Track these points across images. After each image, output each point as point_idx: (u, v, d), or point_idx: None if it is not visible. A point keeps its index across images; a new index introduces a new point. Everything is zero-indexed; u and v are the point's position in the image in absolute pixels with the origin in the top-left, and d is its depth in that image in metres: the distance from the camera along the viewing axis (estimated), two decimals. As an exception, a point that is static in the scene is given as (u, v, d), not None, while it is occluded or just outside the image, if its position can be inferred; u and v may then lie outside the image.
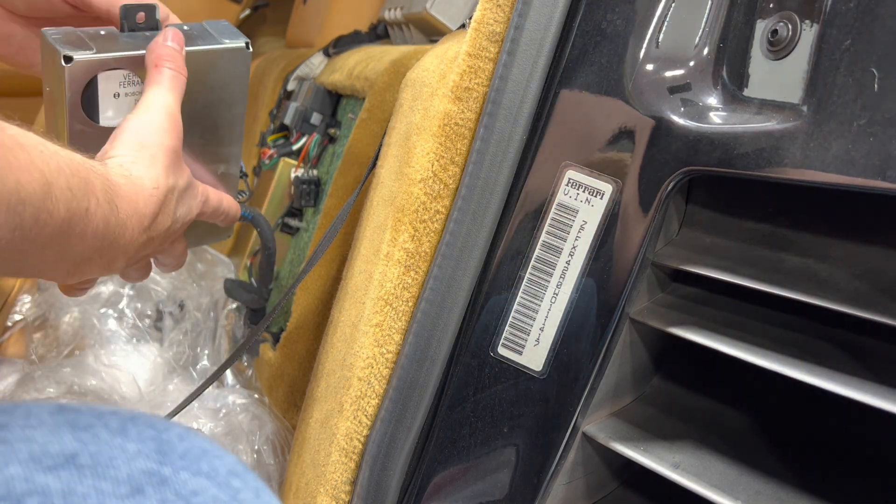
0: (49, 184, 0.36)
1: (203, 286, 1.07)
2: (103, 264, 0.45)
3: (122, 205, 0.43)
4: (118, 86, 0.52)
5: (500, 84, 0.46)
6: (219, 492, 0.30)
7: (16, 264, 0.39)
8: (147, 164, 0.47)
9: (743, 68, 0.40)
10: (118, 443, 0.29)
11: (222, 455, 0.31)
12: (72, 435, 0.28)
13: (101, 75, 0.51)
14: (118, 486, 0.27)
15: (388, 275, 0.51)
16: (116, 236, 0.43)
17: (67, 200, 0.38)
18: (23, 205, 0.35)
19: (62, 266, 0.42)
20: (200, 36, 0.56)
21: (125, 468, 0.28)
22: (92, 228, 0.41)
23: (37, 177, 0.36)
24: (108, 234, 0.42)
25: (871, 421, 0.45)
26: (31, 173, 0.35)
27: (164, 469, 0.29)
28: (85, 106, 0.51)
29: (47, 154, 0.37)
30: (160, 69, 0.50)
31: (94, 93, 0.51)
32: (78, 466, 0.27)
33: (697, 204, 0.49)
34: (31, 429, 0.28)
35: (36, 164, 0.36)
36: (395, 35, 1.12)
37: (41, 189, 0.36)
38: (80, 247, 0.41)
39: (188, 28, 0.56)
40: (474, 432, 0.49)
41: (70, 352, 0.97)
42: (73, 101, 0.50)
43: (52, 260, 0.40)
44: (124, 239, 0.44)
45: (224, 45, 0.56)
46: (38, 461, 0.27)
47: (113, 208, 0.42)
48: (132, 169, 0.46)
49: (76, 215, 0.39)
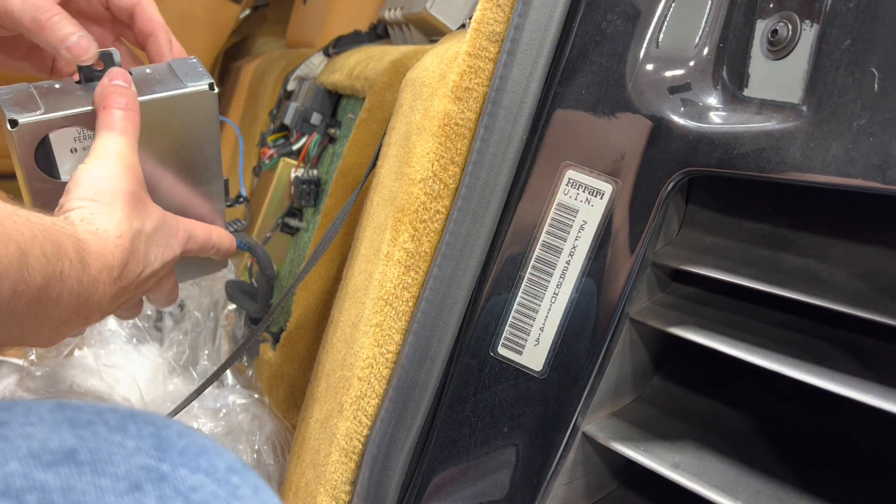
0: (25, 254, 0.36)
1: (203, 286, 1.07)
2: (80, 322, 0.45)
3: (92, 261, 0.43)
4: (73, 141, 0.51)
5: (500, 84, 0.46)
6: (217, 488, 0.30)
7: None
8: (107, 212, 0.46)
9: (743, 68, 0.41)
10: (117, 439, 0.29)
11: (221, 452, 0.32)
12: (71, 432, 0.28)
13: (52, 134, 0.50)
14: (117, 483, 0.28)
15: (388, 275, 0.51)
16: (90, 293, 0.43)
17: (43, 267, 0.38)
18: (0, 279, 0.35)
19: (42, 332, 0.42)
20: (162, 80, 0.54)
21: (124, 465, 0.28)
22: (67, 290, 0.41)
23: (13, 249, 0.36)
24: (83, 293, 0.42)
25: (872, 421, 0.45)
26: (8, 246, 0.35)
27: (162, 465, 0.29)
28: (40, 164, 0.50)
29: (20, 222, 0.37)
30: (109, 111, 0.49)
31: (49, 151, 0.50)
32: (77, 463, 0.27)
33: (697, 204, 0.49)
34: (30, 426, 0.28)
35: (11, 235, 0.36)
36: (395, 35, 1.12)
37: (17, 261, 0.36)
38: (56, 310, 0.41)
39: (150, 71, 0.54)
40: (474, 432, 0.49)
41: (70, 352, 0.97)
42: (26, 162, 0.49)
43: (31, 328, 0.40)
44: (97, 294, 0.44)
45: (186, 90, 0.54)
46: (38, 457, 0.27)
47: (85, 266, 0.42)
48: (94, 221, 0.45)
49: (52, 280, 0.39)
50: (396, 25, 1.09)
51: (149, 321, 1.04)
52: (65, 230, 0.41)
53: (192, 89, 0.54)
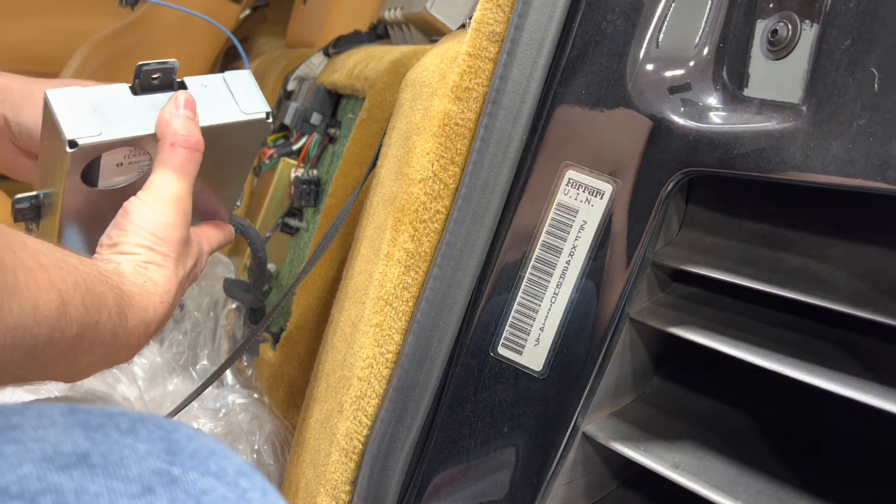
0: (65, 303, 0.36)
1: (203, 286, 1.07)
2: (105, 365, 0.45)
3: (132, 314, 0.43)
4: (123, 158, 0.49)
5: (500, 84, 0.46)
6: (227, 491, 0.30)
7: (18, 378, 0.38)
8: (160, 263, 0.46)
9: (743, 68, 0.41)
10: (129, 443, 0.29)
11: (230, 455, 0.32)
12: (83, 435, 0.29)
13: (105, 154, 0.47)
14: (129, 485, 0.28)
15: (388, 275, 0.51)
16: (122, 344, 0.43)
17: (81, 317, 0.38)
18: (38, 326, 0.35)
19: (67, 374, 0.42)
20: (219, 99, 0.51)
21: (136, 468, 0.29)
22: (100, 340, 0.40)
23: (53, 297, 0.35)
24: (115, 343, 0.42)
25: (872, 421, 0.45)
26: (49, 293, 0.35)
27: (173, 469, 0.29)
28: (84, 175, 0.48)
29: (66, 270, 0.37)
30: (175, 148, 0.47)
31: (96, 167, 0.48)
32: (90, 466, 0.28)
33: (697, 204, 0.49)
34: (43, 429, 0.28)
35: (55, 283, 0.35)
36: (395, 35, 1.12)
37: (57, 310, 0.36)
38: (86, 358, 0.41)
39: (205, 84, 0.51)
40: (474, 432, 0.49)
41: (70, 352, 0.97)
42: (72, 176, 0.47)
43: (58, 371, 0.40)
44: (129, 344, 0.44)
45: (245, 118, 0.52)
46: (51, 460, 0.27)
47: (122, 319, 0.42)
48: (146, 273, 0.45)
49: (87, 329, 0.38)
50: (396, 25, 1.09)
51: (149, 321, 1.04)
52: (110, 280, 0.41)
53: (251, 118, 0.52)
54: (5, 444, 0.27)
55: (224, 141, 0.53)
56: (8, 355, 0.34)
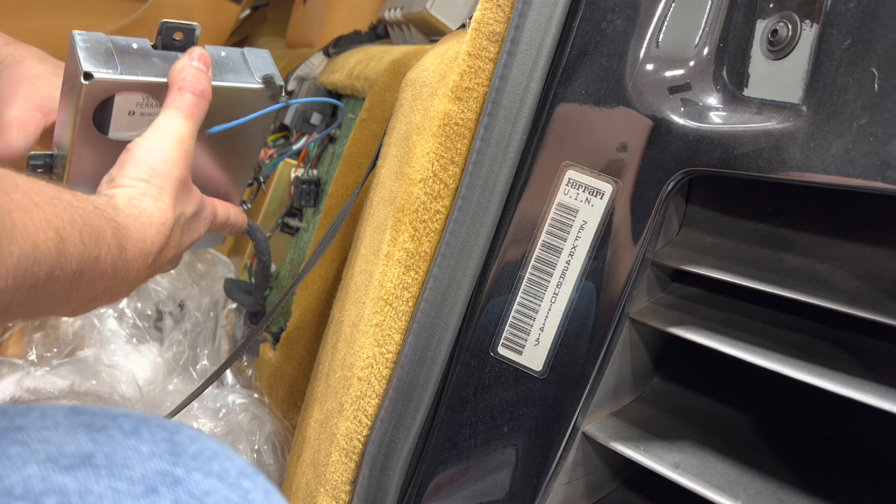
0: (63, 240, 0.36)
1: (203, 286, 1.07)
2: (107, 299, 0.45)
3: (130, 246, 0.43)
4: (135, 105, 0.51)
5: (500, 84, 0.46)
6: (230, 492, 0.30)
7: (21, 315, 0.39)
8: (155, 196, 0.46)
9: (743, 68, 0.40)
10: (132, 444, 0.29)
11: (233, 457, 0.32)
12: (87, 436, 0.29)
13: (118, 95, 0.49)
14: (133, 486, 0.28)
15: (388, 275, 0.51)
16: (122, 276, 0.43)
17: (79, 253, 0.38)
18: (38, 265, 0.35)
19: (68, 307, 0.42)
20: (235, 68, 0.54)
21: (139, 469, 0.29)
22: (100, 273, 0.41)
23: (52, 235, 0.36)
24: (115, 276, 0.42)
25: (872, 421, 0.45)
26: (47, 232, 0.35)
27: (177, 470, 0.30)
28: (96, 118, 0.50)
29: (61, 207, 0.37)
30: (182, 93, 0.49)
31: (109, 109, 0.50)
32: (94, 467, 0.28)
33: (697, 204, 0.49)
34: (47, 430, 0.28)
35: (51, 221, 0.36)
36: (395, 35, 1.12)
37: (56, 247, 0.36)
38: (87, 291, 0.41)
39: (225, 55, 0.54)
40: (474, 432, 0.49)
41: (70, 352, 0.97)
42: (85, 114, 0.49)
43: (59, 305, 0.41)
44: (129, 277, 0.44)
45: (258, 85, 0.54)
46: (55, 461, 0.27)
47: (121, 251, 0.42)
48: (141, 204, 0.45)
49: (86, 264, 0.39)
50: (396, 25, 1.09)
51: (149, 321, 1.04)
52: (105, 214, 0.41)
53: (258, 82, 0.54)
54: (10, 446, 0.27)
55: (236, 109, 0.54)
56: (10, 296, 0.34)
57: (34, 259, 0.34)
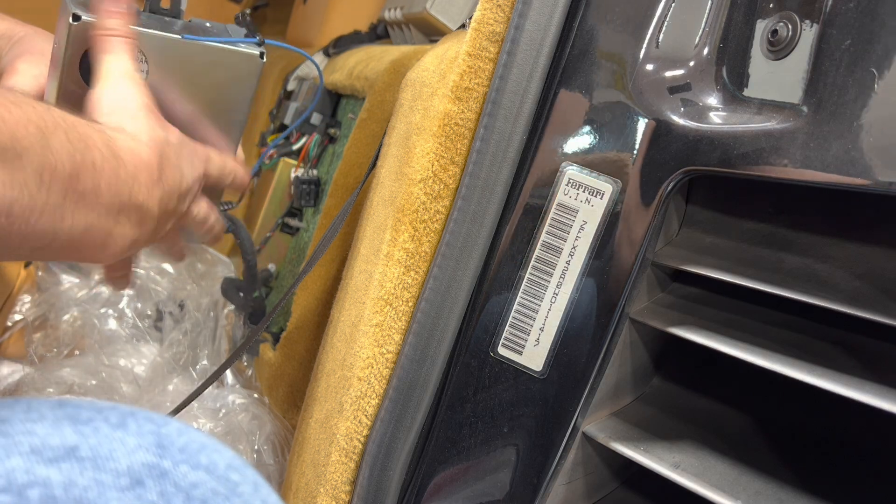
0: (46, 136, 0.36)
1: (203, 286, 1.07)
2: (132, 227, 0.44)
3: (126, 157, 0.43)
4: None
5: (500, 84, 0.46)
6: (217, 485, 0.30)
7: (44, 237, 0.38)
8: (131, 121, 0.46)
9: (743, 68, 0.40)
10: (118, 436, 0.29)
11: (220, 449, 0.32)
12: (72, 428, 0.29)
13: None
14: (118, 479, 0.28)
15: (388, 275, 0.51)
16: (132, 191, 0.43)
17: (69, 153, 0.37)
18: (20, 159, 0.34)
19: (94, 237, 0.42)
20: (218, 33, 0.56)
21: (125, 461, 0.28)
22: (105, 182, 0.40)
23: (32, 130, 0.35)
24: (123, 189, 0.42)
25: (872, 421, 0.45)
26: (27, 127, 0.35)
27: (163, 462, 0.29)
28: (82, 68, 0.52)
29: (40, 109, 0.37)
30: (106, 39, 0.50)
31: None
32: (79, 459, 0.28)
33: (697, 204, 0.49)
34: (31, 422, 0.28)
35: (30, 117, 0.35)
36: (395, 35, 1.12)
37: (38, 143, 0.35)
38: (99, 207, 0.41)
39: (210, 25, 0.56)
40: (474, 432, 0.49)
41: (70, 352, 0.97)
42: (71, 60, 0.51)
43: (80, 230, 0.40)
44: (141, 193, 0.44)
45: (237, 48, 0.56)
46: (40, 453, 0.27)
47: (119, 161, 0.42)
48: (121, 124, 0.46)
49: (84, 169, 0.39)
50: (396, 25, 1.09)
51: (149, 321, 1.04)
52: (91, 124, 0.41)
53: (243, 49, 0.56)
54: None
55: (215, 71, 0.56)
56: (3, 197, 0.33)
57: (15, 152, 0.34)
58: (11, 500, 0.25)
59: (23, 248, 0.38)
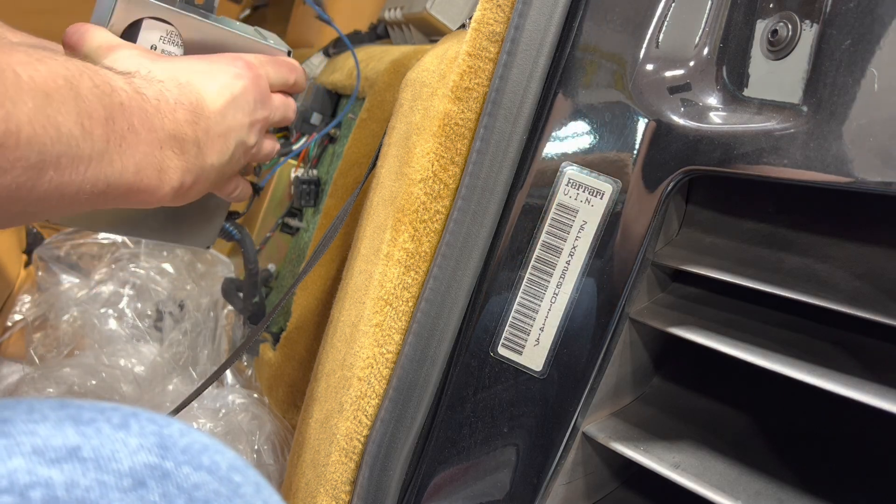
0: (74, 87, 0.38)
1: (203, 286, 1.07)
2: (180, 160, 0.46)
3: (149, 93, 0.45)
4: (158, 39, 0.53)
5: (500, 84, 0.46)
6: (220, 486, 0.30)
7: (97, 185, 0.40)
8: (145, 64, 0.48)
9: (743, 68, 0.40)
10: (120, 437, 0.29)
11: (223, 450, 0.32)
12: (74, 429, 0.29)
13: (146, 21, 0.52)
14: (121, 479, 0.28)
15: (388, 275, 0.51)
16: (164, 125, 0.44)
17: (98, 97, 0.39)
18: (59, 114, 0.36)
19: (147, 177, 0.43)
20: (246, 32, 0.58)
21: (127, 462, 0.28)
22: (137, 121, 0.42)
23: (61, 83, 0.37)
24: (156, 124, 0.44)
25: (872, 421, 0.45)
26: (56, 80, 0.37)
27: (165, 463, 0.29)
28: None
29: (62, 60, 0.39)
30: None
31: (135, 35, 0.52)
32: (81, 460, 0.28)
33: (697, 204, 0.49)
34: (33, 423, 0.28)
35: (58, 71, 0.37)
36: (395, 35, 1.12)
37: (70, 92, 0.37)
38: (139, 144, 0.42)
39: (239, 24, 0.58)
40: (474, 432, 0.49)
41: (70, 352, 0.97)
42: (114, 29, 0.52)
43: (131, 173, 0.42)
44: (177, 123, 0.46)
45: (267, 43, 0.57)
46: (42, 454, 0.27)
47: (143, 98, 0.44)
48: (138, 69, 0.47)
49: (115, 111, 0.40)
50: (396, 25, 1.09)
51: (149, 321, 1.04)
52: (106, 69, 0.43)
53: (272, 45, 0.58)
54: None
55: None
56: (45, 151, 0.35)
57: (52, 107, 0.36)
58: (13, 500, 0.25)
59: (80, 198, 0.40)
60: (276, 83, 0.58)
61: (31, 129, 0.35)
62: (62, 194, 0.38)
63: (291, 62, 0.60)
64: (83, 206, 0.42)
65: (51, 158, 0.36)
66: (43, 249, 1.06)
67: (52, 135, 0.36)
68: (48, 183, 0.37)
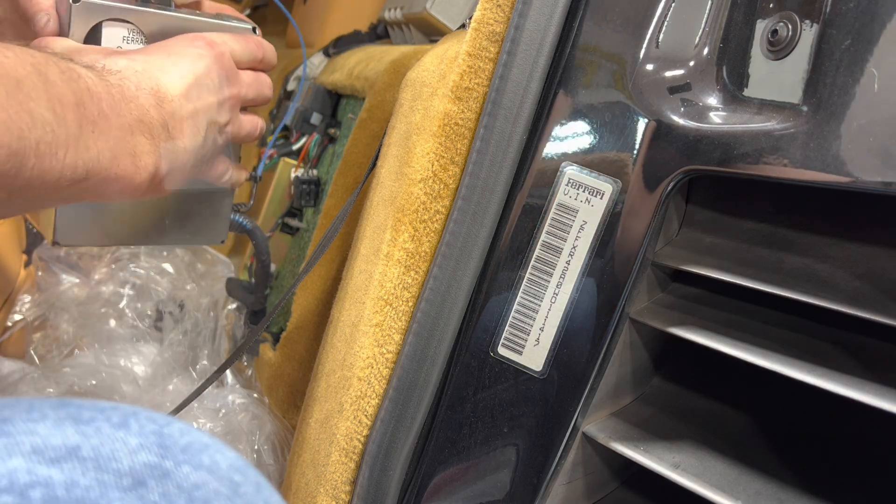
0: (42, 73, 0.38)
1: (203, 286, 1.07)
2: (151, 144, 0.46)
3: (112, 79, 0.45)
4: (121, 39, 0.54)
5: (500, 84, 0.46)
6: (220, 485, 0.30)
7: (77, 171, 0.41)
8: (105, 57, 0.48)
9: (743, 68, 0.40)
10: (120, 436, 0.29)
11: (223, 450, 0.32)
12: (74, 428, 0.29)
13: (106, 25, 0.53)
14: (120, 479, 0.28)
15: (388, 275, 0.51)
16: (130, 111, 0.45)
17: (66, 82, 0.40)
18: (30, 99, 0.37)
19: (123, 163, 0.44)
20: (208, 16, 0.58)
21: (127, 461, 0.28)
22: (106, 106, 0.42)
23: (29, 69, 0.38)
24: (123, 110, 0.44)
25: (871, 421, 0.45)
26: (24, 67, 0.37)
27: (165, 462, 0.29)
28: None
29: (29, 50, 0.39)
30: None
31: (98, 40, 0.53)
32: (80, 459, 0.27)
33: (697, 204, 0.49)
34: (33, 422, 0.28)
35: (25, 59, 0.38)
36: (395, 35, 1.12)
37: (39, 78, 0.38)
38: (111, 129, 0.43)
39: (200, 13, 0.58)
40: (474, 432, 0.49)
41: (70, 352, 0.97)
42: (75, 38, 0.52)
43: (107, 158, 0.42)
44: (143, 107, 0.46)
45: (230, 23, 0.58)
46: (41, 453, 0.27)
47: (107, 84, 0.44)
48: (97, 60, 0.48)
49: (83, 96, 0.41)
50: (396, 25, 1.09)
51: (149, 321, 1.04)
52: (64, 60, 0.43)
53: (235, 24, 0.58)
54: None
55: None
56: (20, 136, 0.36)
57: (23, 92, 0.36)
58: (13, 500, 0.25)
59: (62, 185, 0.40)
60: (244, 59, 0.57)
61: (5, 114, 0.35)
62: (44, 181, 0.39)
63: (257, 38, 0.59)
64: (67, 197, 0.43)
65: (30, 144, 0.37)
66: (43, 249, 1.06)
67: (27, 120, 0.37)
68: (31, 171, 0.38)
